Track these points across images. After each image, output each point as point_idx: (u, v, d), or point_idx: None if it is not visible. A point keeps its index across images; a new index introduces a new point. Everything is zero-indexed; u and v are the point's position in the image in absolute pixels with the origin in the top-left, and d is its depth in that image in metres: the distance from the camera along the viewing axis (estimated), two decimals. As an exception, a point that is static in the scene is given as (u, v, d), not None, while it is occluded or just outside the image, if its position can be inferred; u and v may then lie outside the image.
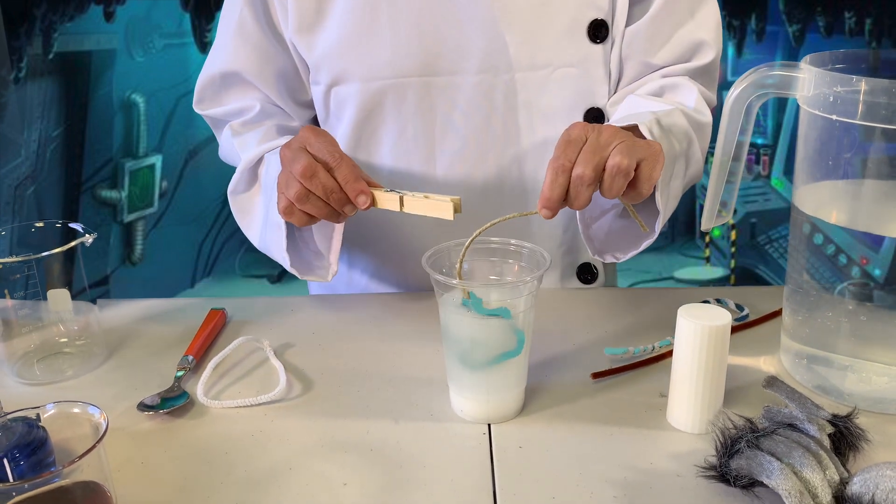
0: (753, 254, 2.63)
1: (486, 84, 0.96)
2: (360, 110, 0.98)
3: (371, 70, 0.95)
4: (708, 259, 2.67)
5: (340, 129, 1.01)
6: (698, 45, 0.97)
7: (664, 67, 0.98)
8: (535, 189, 0.99)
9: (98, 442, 0.61)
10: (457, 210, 0.79)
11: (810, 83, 0.76)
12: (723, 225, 2.60)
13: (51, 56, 2.25)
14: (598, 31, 0.95)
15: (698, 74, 0.99)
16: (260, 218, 0.97)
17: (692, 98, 0.94)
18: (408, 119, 0.97)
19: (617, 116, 0.94)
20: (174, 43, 2.37)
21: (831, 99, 0.74)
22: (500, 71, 0.95)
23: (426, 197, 0.81)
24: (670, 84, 0.97)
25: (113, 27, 2.30)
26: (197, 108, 1.04)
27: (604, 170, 0.74)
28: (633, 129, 0.83)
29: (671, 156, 0.84)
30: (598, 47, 0.96)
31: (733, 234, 2.62)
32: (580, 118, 0.98)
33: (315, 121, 1.06)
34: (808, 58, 0.77)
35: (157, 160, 2.46)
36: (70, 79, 2.30)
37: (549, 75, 0.96)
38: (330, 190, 0.82)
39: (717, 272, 2.65)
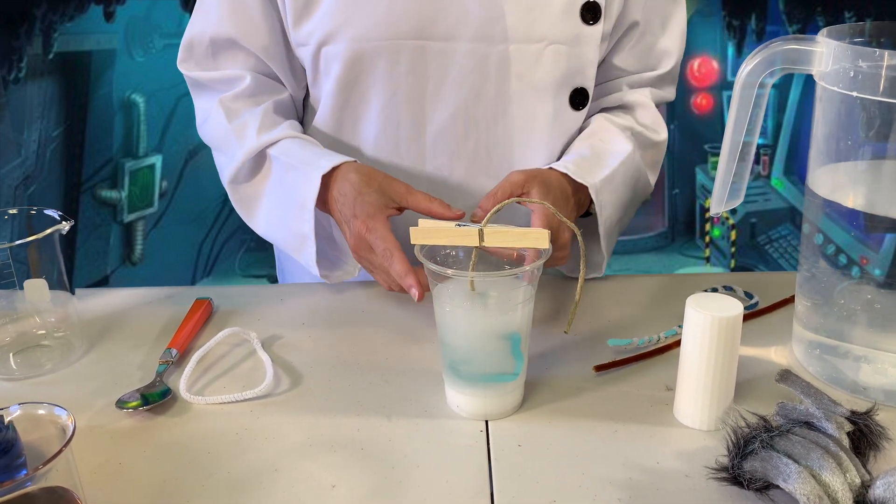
0: (753, 254, 2.63)
1: (479, 53, 0.96)
2: (349, 71, 0.97)
3: (365, 30, 0.95)
4: (708, 259, 2.67)
5: (327, 90, 0.99)
6: (662, 54, 1.04)
7: (629, 74, 1.04)
8: (523, 159, 1.01)
9: (65, 446, 0.59)
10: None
11: (828, 57, 0.72)
12: (723, 225, 2.59)
13: (51, 56, 2.29)
14: (591, 12, 0.96)
15: (659, 80, 1.06)
16: (266, 207, 0.97)
17: (648, 117, 1.03)
18: (399, 82, 0.97)
19: (581, 145, 1.00)
20: (174, 43, 2.35)
21: (852, 74, 0.70)
22: (496, 41, 0.95)
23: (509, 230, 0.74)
24: (630, 103, 1.04)
25: (113, 27, 2.33)
26: (181, 67, 1.03)
27: None
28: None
29: (616, 206, 0.97)
30: (589, 29, 0.97)
31: (733, 234, 2.62)
32: (567, 95, 0.99)
33: (307, 90, 1.05)
34: (825, 30, 0.74)
35: (157, 160, 2.48)
36: (70, 79, 2.33)
37: (543, 50, 0.96)
38: (391, 280, 0.89)
39: (717, 272, 2.65)
